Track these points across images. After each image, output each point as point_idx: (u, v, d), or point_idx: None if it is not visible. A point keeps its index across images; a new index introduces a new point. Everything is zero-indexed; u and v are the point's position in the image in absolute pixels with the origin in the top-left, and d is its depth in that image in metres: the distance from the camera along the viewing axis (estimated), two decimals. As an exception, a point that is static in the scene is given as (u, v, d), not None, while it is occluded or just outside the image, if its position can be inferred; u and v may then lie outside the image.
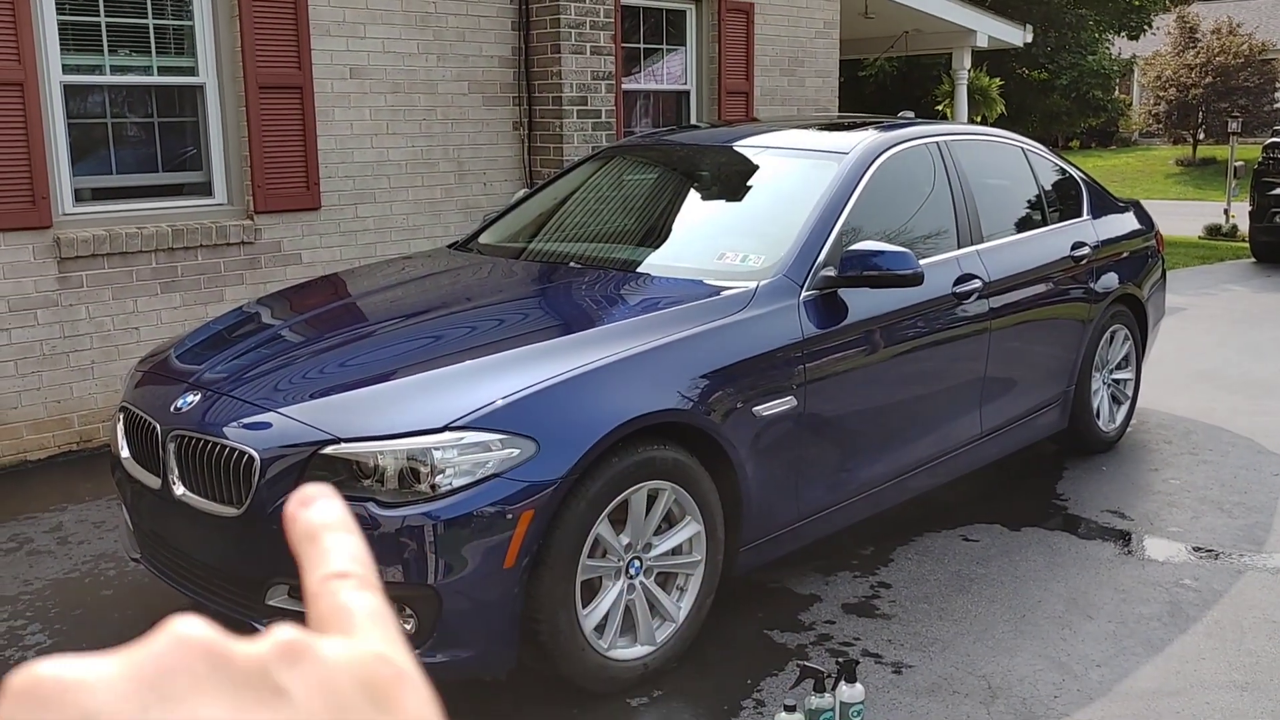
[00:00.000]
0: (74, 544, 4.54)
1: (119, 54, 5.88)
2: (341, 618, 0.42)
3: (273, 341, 3.76)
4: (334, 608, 0.42)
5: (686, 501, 3.38)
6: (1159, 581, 4.13)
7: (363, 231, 6.74)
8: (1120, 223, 5.78)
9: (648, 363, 3.33)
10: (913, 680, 3.42)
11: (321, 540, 0.45)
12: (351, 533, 0.45)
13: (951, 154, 4.78)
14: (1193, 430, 6.03)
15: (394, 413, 3.07)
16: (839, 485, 3.93)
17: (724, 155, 4.92)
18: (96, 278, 5.68)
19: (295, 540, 0.45)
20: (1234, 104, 27.40)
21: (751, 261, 3.95)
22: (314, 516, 0.46)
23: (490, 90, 7.28)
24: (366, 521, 2.91)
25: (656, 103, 8.84)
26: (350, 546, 0.45)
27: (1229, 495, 5.04)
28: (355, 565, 0.44)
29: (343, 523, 0.46)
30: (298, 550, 0.45)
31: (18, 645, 3.67)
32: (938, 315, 4.29)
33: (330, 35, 6.45)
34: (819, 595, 4.02)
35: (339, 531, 0.45)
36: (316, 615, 0.42)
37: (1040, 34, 17.56)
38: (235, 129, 6.19)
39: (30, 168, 5.40)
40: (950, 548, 4.46)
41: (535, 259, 4.50)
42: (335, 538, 0.45)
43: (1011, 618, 3.84)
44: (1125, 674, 3.45)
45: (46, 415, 5.61)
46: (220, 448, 3.16)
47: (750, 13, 8.96)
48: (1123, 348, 5.70)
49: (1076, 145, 33.04)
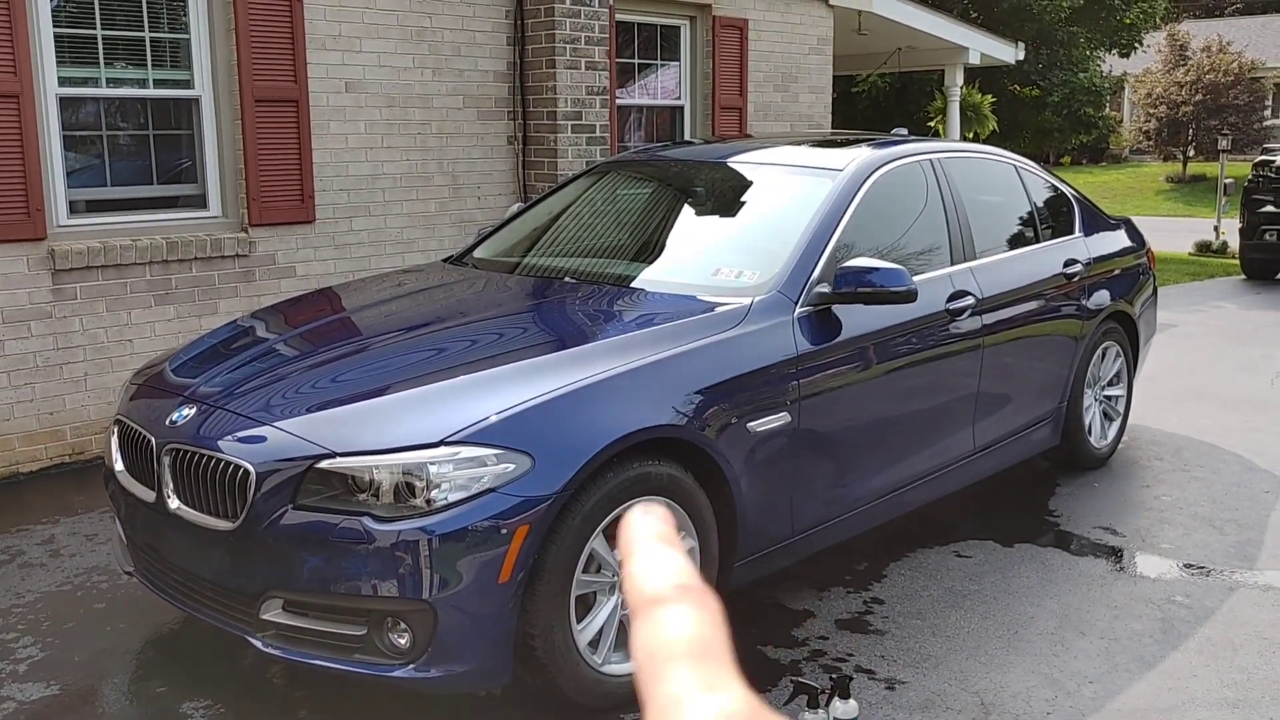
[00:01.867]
0: (66, 557, 4.52)
1: (115, 66, 5.89)
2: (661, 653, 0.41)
3: (268, 355, 3.76)
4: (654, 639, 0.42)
5: (681, 517, 3.38)
6: (1151, 598, 4.14)
7: (357, 245, 6.75)
8: (1112, 240, 5.82)
9: (643, 378, 3.34)
10: (906, 697, 3.43)
11: (636, 555, 0.44)
12: (671, 544, 0.45)
13: (945, 171, 4.81)
14: (1184, 447, 6.05)
15: (389, 427, 3.08)
16: (833, 501, 3.94)
17: (718, 171, 4.94)
18: (91, 290, 5.68)
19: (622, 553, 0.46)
20: (1224, 121, 27.57)
21: (746, 277, 3.96)
22: (634, 527, 0.46)
23: (485, 105, 7.31)
24: (361, 536, 2.91)
25: (650, 118, 8.88)
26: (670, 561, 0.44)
27: (1220, 512, 5.06)
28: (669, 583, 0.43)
29: (660, 534, 0.45)
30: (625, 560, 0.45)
31: (10, 658, 3.65)
32: (931, 332, 4.31)
33: (326, 49, 6.47)
34: (812, 611, 4.03)
35: (654, 543, 0.45)
36: (643, 642, 0.42)
37: (1032, 51, 17.66)
38: (230, 142, 6.20)
39: (25, 179, 5.40)
40: (943, 564, 4.47)
41: (530, 274, 4.51)
42: (651, 551, 0.44)
43: (1004, 634, 3.84)
44: (1118, 690, 3.46)
45: (39, 427, 5.60)
46: (215, 461, 3.16)
47: (744, 29, 9.00)
48: (1115, 364, 5.72)
49: (1068, 162, 33.19)
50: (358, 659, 3.01)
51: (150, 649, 3.78)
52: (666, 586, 0.43)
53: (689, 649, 0.41)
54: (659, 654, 0.41)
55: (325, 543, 2.94)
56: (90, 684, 3.51)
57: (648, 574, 0.44)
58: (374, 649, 2.99)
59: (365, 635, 2.99)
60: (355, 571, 2.93)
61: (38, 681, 3.51)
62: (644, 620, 0.42)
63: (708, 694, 0.39)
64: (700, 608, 0.43)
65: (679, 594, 0.43)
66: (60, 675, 3.55)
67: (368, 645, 2.99)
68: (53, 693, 3.45)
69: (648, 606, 0.43)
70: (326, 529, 2.95)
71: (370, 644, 2.99)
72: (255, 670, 3.58)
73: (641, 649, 0.42)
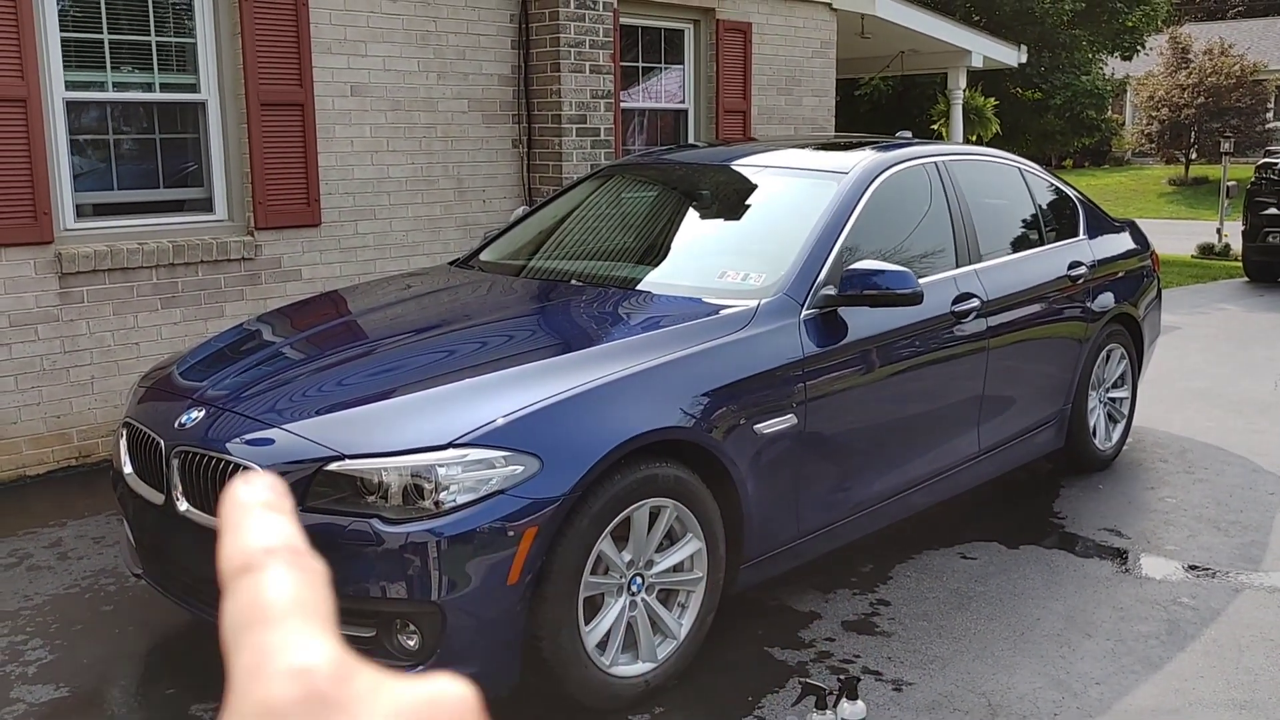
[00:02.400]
0: (73, 559, 4.54)
1: (121, 70, 5.91)
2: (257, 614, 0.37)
3: (275, 358, 3.78)
4: (242, 607, 0.38)
5: (688, 518, 3.39)
6: (1157, 600, 4.15)
7: (363, 248, 6.76)
8: (1116, 242, 5.83)
9: (650, 380, 3.35)
10: (913, 698, 3.43)
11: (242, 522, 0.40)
12: (277, 511, 0.41)
13: (950, 174, 4.82)
14: (1189, 449, 6.06)
15: (398, 430, 3.09)
16: (838, 503, 3.95)
17: (724, 174, 4.96)
18: (97, 293, 5.69)
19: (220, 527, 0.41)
20: (1226, 124, 27.58)
21: (752, 280, 3.97)
22: (231, 499, 0.41)
23: (490, 108, 7.32)
24: (370, 538, 2.92)
25: (654, 121, 8.89)
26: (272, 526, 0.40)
27: (1225, 514, 5.06)
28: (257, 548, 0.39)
29: (266, 502, 0.41)
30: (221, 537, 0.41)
31: (18, 661, 3.67)
32: (936, 334, 4.31)
33: (331, 53, 6.49)
34: (819, 612, 4.04)
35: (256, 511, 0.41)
36: (231, 614, 0.38)
37: (1034, 54, 17.67)
38: (236, 145, 6.22)
39: (32, 183, 5.42)
40: (949, 565, 4.47)
41: (536, 277, 4.52)
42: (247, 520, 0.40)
43: (1010, 635, 3.85)
44: (1124, 692, 3.47)
45: (46, 430, 5.61)
46: (224, 463, 3.18)
47: (748, 32, 9.02)
48: (1119, 366, 5.73)
49: (1070, 164, 33.20)
50: (366, 661, 3.01)
51: (159, 651, 3.79)
52: (254, 551, 0.39)
53: (277, 613, 0.37)
54: (243, 622, 0.37)
55: (334, 544, 2.95)
56: (99, 686, 3.53)
57: (240, 543, 0.39)
58: (383, 651, 3.00)
59: (374, 637, 3.00)
60: (364, 573, 2.94)
61: (46, 684, 3.52)
62: (231, 591, 0.38)
63: (289, 651, 0.36)
64: (294, 568, 0.39)
65: (267, 557, 0.39)
66: (69, 678, 3.56)
67: (377, 647, 3.00)
68: (61, 695, 3.46)
69: (235, 577, 0.39)
70: (335, 531, 2.96)
71: (379, 646, 3.00)
72: (263, 672, 3.58)
73: (228, 621, 0.38)
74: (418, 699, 0.37)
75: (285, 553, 0.39)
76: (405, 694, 0.37)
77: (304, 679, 0.36)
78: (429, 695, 0.37)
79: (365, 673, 0.37)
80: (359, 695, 0.36)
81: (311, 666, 0.36)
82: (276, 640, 0.37)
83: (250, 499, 0.41)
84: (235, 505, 0.41)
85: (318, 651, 0.37)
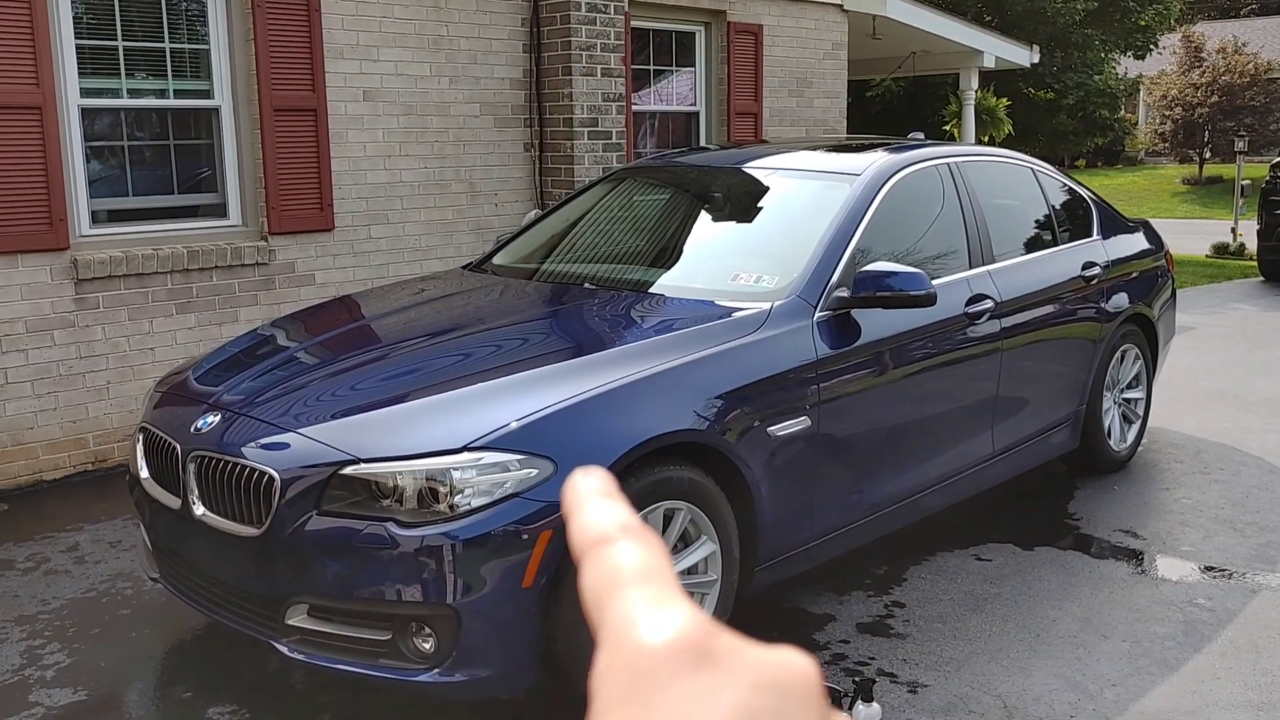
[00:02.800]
0: (91, 563, 4.56)
1: (135, 77, 5.94)
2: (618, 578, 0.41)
3: (290, 363, 3.79)
4: (602, 573, 0.42)
5: (702, 521, 3.40)
6: (1173, 601, 4.13)
7: (376, 252, 6.78)
8: (1130, 242, 5.81)
9: (663, 383, 3.36)
10: (929, 700, 3.43)
11: (584, 508, 0.45)
12: (613, 498, 0.46)
13: (962, 175, 4.81)
14: (1204, 449, 6.03)
15: (412, 433, 3.10)
16: (852, 505, 3.95)
17: (736, 177, 4.96)
18: (113, 299, 5.73)
19: (565, 515, 0.46)
20: (1240, 123, 27.43)
21: (765, 282, 3.98)
22: (575, 488, 0.46)
23: (502, 112, 7.34)
24: (385, 541, 2.93)
25: (666, 124, 8.90)
26: (613, 510, 0.44)
27: (1241, 515, 5.04)
28: (616, 525, 0.43)
29: (602, 491, 0.46)
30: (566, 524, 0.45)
31: (37, 664, 3.69)
32: (950, 335, 4.31)
33: (344, 58, 6.52)
34: (833, 615, 4.03)
35: (597, 498, 0.45)
36: (590, 580, 0.42)
37: (1047, 54, 17.64)
38: (250, 151, 6.25)
39: (48, 190, 5.46)
40: (963, 567, 4.47)
41: (549, 280, 4.53)
42: (593, 504, 0.45)
43: (1026, 637, 3.84)
44: (1141, 693, 3.46)
45: (62, 435, 5.65)
46: (240, 468, 3.19)
47: (759, 34, 9.02)
48: (1133, 367, 5.71)
49: (1083, 164, 33.10)
50: (382, 664, 3.03)
51: (175, 655, 3.81)
52: (610, 527, 0.44)
53: (635, 576, 0.41)
54: (606, 586, 0.41)
55: (349, 548, 2.96)
56: (116, 690, 3.55)
57: (590, 522, 0.44)
58: (398, 654, 3.01)
59: (390, 640, 3.00)
60: (379, 577, 2.95)
61: (64, 687, 3.54)
62: (589, 562, 0.43)
63: (658, 609, 0.40)
64: (644, 543, 0.43)
65: (621, 533, 0.43)
66: (86, 681, 3.58)
67: (392, 650, 3.01)
68: (79, 698, 3.48)
69: (592, 549, 0.43)
70: (351, 534, 2.97)
71: (395, 649, 3.01)
72: (280, 675, 3.60)
73: (589, 586, 0.42)
74: (775, 660, 0.39)
75: (634, 530, 0.44)
76: (764, 655, 0.39)
77: (682, 629, 0.39)
78: (783, 659, 0.39)
79: (726, 633, 0.40)
80: (727, 649, 0.39)
81: (686, 619, 0.39)
82: (641, 597, 0.40)
83: (589, 487, 0.46)
84: (577, 492, 0.46)
85: (684, 609, 0.40)
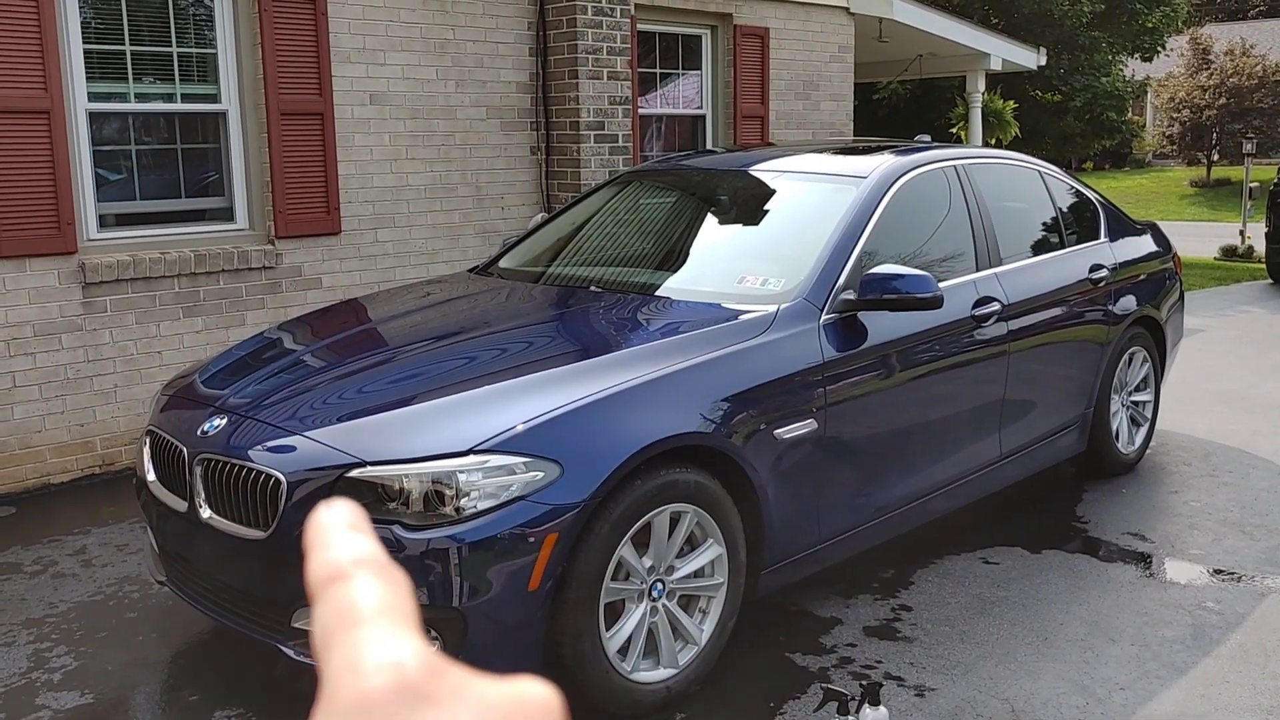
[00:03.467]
0: (98, 567, 4.57)
1: (143, 81, 5.96)
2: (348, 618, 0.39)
3: (296, 366, 3.79)
4: (333, 613, 0.40)
5: (708, 524, 3.39)
6: (1181, 604, 4.12)
7: (382, 256, 6.79)
8: (1138, 245, 5.79)
9: (670, 386, 3.35)
10: (936, 703, 3.42)
11: (324, 543, 0.42)
12: (360, 530, 0.43)
13: (969, 177, 4.80)
14: (1212, 452, 6.01)
15: (419, 436, 3.10)
16: (859, 508, 3.94)
17: (742, 179, 4.95)
18: (120, 302, 5.74)
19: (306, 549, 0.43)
20: (1248, 125, 27.38)
21: (772, 285, 3.97)
22: (318, 522, 0.43)
23: (508, 116, 7.35)
24: (392, 544, 2.93)
25: (672, 127, 8.90)
26: (355, 543, 0.42)
27: (1250, 517, 5.02)
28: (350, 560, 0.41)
29: (350, 524, 0.43)
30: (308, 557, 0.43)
31: (44, 668, 3.69)
32: (957, 338, 4.30)
33: (350, 62, 6.53)
34: (840, 618, 4.02)
35: (341, 531, 0.43)
36: (321, 619, 0.40)
37: (1054, 56, 17.61)
38: (257, 155, 6.26)
39: (56, 194, 5.47)
40: (971, 570, 4.45)
41: (556, 283, 4.53)
42: (334, 538, 0.43)
43: (1033, 640, 3.83)
44: (1149, 697, 3.44)
45: (70, 439, 5.66)
46: (247, 471, 3.19)
47: (765, 37, 9.02)
48: (1141, 370, 5.69)
49: (1090, 167, 33.05)
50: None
51: (182, 658, 3.81)
52: (344, 562, 0.41)
53: (367, 614, 0.39)
54: (334, 626, 0.39)
55: (356, 551, 2.96)
56: (123, 693, 3.55)
57: (325, 559, 0.42)
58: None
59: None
60: (386, 580, 2.94)
61: (71, 690, 3.55)
62: (321, 601, 0.40)
63: (381, 649, 0.38)
64: (381, 577, 0.41)
65: (355, 567, 0.41)
66: (93, 684, 3.59)
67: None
68: (86, 702, 3.48)
69: (326, 586, 0.41)
70: (357, 537, 2.96)
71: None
72: (287, 679, 3.60)
73: (319, 627, 0.40)
74: (505, 696, 0.38)
75: (372, 564, 0.42)
76: (492, 691, 0.38)
77: (398, 671, 0.37)
78: (515, 693, 0.38)
79: (454, 670, 0.38)
80: (450, 689, 0.37)
81: (405, 660, 0.38)
82: (368, 638, 0.38)
83: (333, 521, 0.44)
84: (319, 526, 0.44)
85: (409, 648, 0.38)
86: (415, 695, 0.37)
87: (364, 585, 0.40)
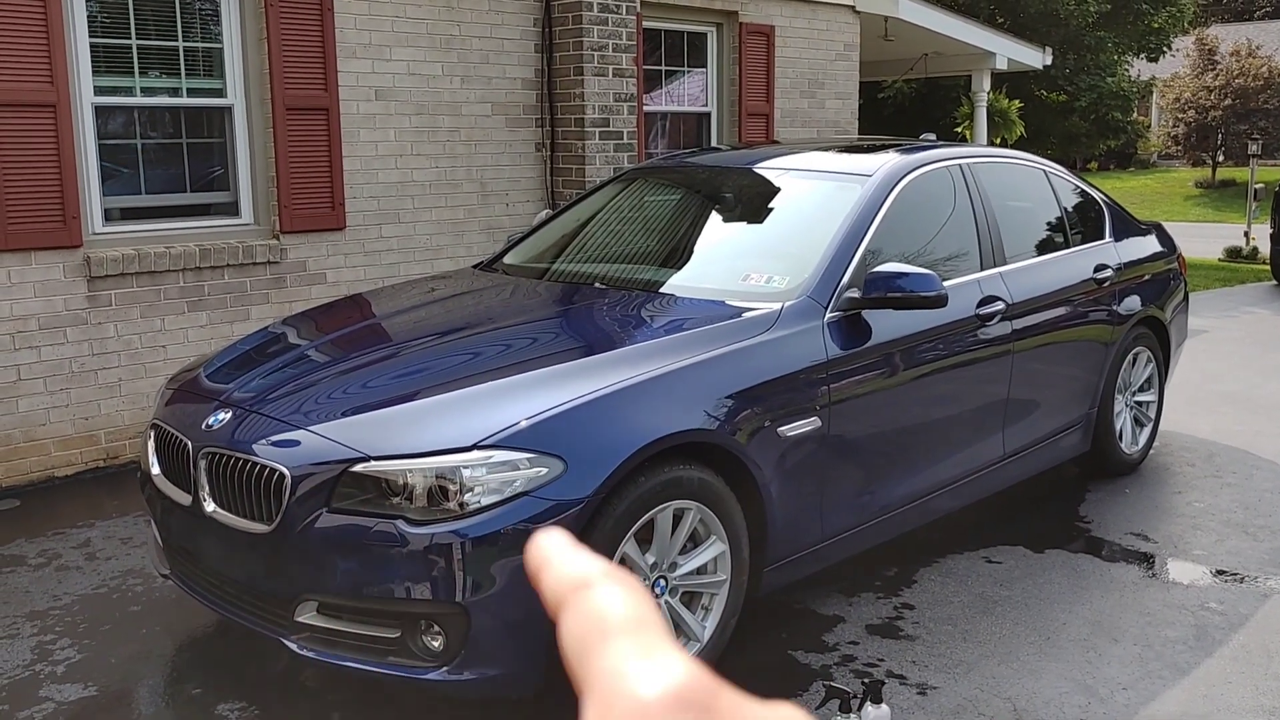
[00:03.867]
0: (102, 560, 4.58)
1: (149, 76, 5.96)
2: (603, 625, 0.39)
3: (300, 361, 3.80)
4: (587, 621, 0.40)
5: (711, 521, 3.39)
6: (1184, 605, 4.12)
7: (387, 251, 6.80)
8: (1142, 245, 5.79)
9: (674, 383, 3.35)
10: (938, 702, 3.42)
11: (552, 560, 0.43)
12: (583, 551, 0.44)
13: (974, 176, 4.80)
14: (1216, 453, 6.01)
15: (422, 431, 3.10)
16: (862, 506, 3.94)
17: (747, 177, 4.95)
18: (125, 296, 5.75)
19: (530, 574, 0.44)
20: (1254, 126, 27.33)
21: (776, 283, 3.97)
22: (541, 543, 0.44)
23: (513, 112, 7.35)
24: (395, 539, 2.94)
25: (677, 124, 8.90)
26: (587, 559, 0.43)
27: (1253, 518, 5.02)
28: (597, 570, 0.42)
29: (572, 545, 0.44)
30: (535, 581, 0.43)
31: (47, 660, 3.70)
32: (961, 337, 4.30)
33: (356, 58, 6.53)
34: (842, 616, 4.02)
35: (568, 549, 0.44)
36: (571, 626, 0.40)
37: (1059, 56, 17.59)
38: (262, 150, 6.27)
39: (61, 188, 5.48)
40: (973, 569, 4.45)
41: (560, 280, 4.53)
42: (566, 554, 0.43)
43: (1036, 640, 3.83)
44: (1151, 697, 3.44)
45: (74, 432, 5.67)
46: (251, 465, 3.20)
47: (771, 35, 9.01)
48: (1145, 370, 5.69)
49: (1095, 167, 33.00)
50: (391, 662, 3.03)
51: (185, 651, 3.82)
52: (591, 571, 0.41)
53: (622, 624, 0.39)
54: (591, 634, 0.39)
55: (359, 546, 2.97)
56: (126, 686, 3.56)
57: (567, 569, 0.42)
58: (407, 652, 3.01)
59: (399, 638, 3.01)
60: (389, 574, 2.95)
61: (75, 683, 3.55)
62: (570, 607, 0.41)
63: (650, 660, 0.37)
64: (628, 588, 0.41)
65: (604, 577, 0.41)
66: (97, 677, 3.60)
67: (401, 648, 3.01)
68: (90, 694, 3.49)
69: (572, 594, 0.41)
70: (361, 532, 2.97)
71: (404, 647, 3.01)
72: (289, 673, 3.61)
73: (571, 634, 0.40)
74: (775, 718, 0.38)
75: (615, 575, 0.42)
76: (764, 713, 0.38)
77: (681, 683, 0.37)
78: (783, 717, 0.38)
79: (726, 687, 0.38)
80: (729, 707, 0.37)
81: (687, 673, 0.37)
82: (634, 647, 0.38)
83: (555, 542, 0.44)
84: (545, 545, 0.44)
85: (681, 662, 0.38)
86: (696, 708, 0.36)
87: (613, 594, 0.41)
